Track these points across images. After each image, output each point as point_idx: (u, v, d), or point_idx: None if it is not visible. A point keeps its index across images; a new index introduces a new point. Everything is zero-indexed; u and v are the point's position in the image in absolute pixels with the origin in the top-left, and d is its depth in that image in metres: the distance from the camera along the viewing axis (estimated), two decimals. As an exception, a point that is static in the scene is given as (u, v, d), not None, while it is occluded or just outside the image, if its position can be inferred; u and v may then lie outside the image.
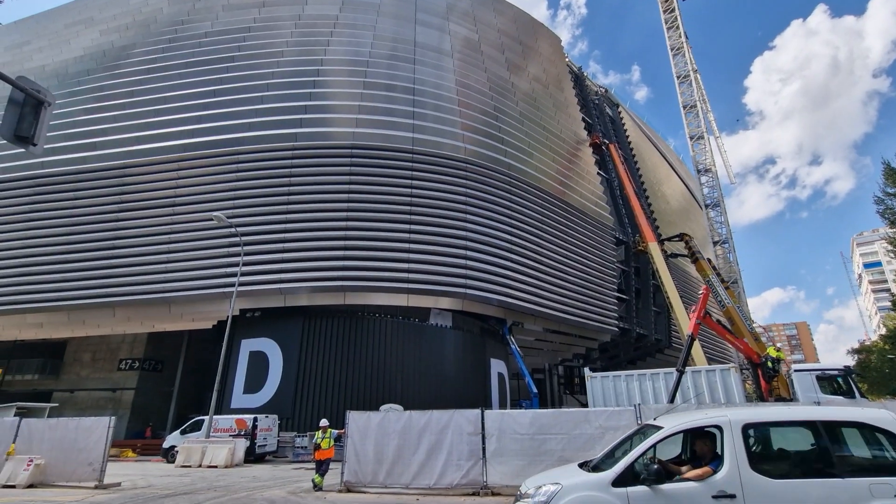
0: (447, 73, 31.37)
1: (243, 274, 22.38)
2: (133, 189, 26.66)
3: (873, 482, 4.89)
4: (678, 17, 69.51)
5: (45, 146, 7.83)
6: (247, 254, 22.61)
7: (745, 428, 5.37)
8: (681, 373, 16.98)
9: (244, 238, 22.55)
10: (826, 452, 5.23)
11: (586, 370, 19.88)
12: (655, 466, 5.36)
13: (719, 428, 5.44)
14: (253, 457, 19.08)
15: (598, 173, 40.13)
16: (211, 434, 18.67)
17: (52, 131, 26.85)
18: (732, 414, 5.58)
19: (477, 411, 11.33)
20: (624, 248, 40.21)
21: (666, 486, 5.20)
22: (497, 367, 30.23)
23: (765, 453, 5.57)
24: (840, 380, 16.20)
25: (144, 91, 30.19)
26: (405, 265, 24.37)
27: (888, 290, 78.78)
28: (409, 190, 25.90)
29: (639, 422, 10.42)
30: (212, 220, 21.58)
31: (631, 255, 40.26)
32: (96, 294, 24.86)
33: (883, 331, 58.91)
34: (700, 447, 5.64)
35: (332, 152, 26.15)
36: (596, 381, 18.88)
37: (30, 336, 27.92)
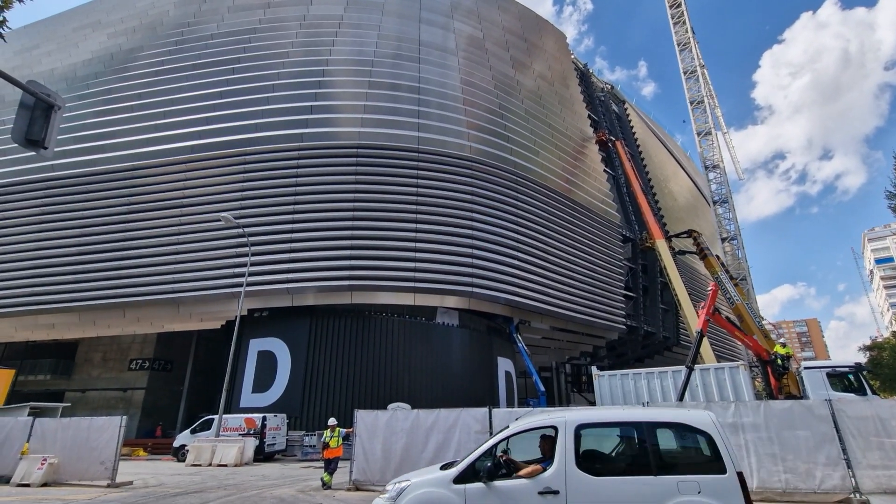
0: (452, 71, 31.34)
1: (251, 274, 22.53)
2: (142, 191, 26.91)
3: (681, 479, 5.19)
4: (685, 13, 68.99)
5: (56, 149, 7.92)
6: (254, 254, 22.76)
7: (578, 428, 5.67)
8: (690, 370, 16.89)
9: (252, 238, 22.69)
10: (644, 452, 5.57)
11: (594, 369, 19.83)
12: (488, 464, 5.68)
13: (555, 428, 5.71)
14: (262, 455, 19.22)
15: (605, 170, 39.92)
16: (220, 433, 18.82)
17: (62, 134, 27.17)
18: (570, 415, 5.87)
19: (484, 410, 11.35)
20: (631, 246, 39.98)
21: (499, 483, 5.54)
22: (504, 365, 30.21)
23: (592, 452, 5.84)
24: (851, 377, 16.03)
25: (152, 93, 30.45)
26: (411, 264, 24.41)
27: (900, 285, 77.67)
28: (414, 189, 25.93)
29: (647, 420, 10.42)
30: (220, 220, 21.75)
31: (638, 253, 40.03)
32: (107, 295, 25.14)
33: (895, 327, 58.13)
34: (543, 447, 5.96)
35: (338, 152, 26.23)
36: (604, 380, 18.82)
37: (42, 337, 28.29)
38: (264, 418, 19.96)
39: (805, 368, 16.93)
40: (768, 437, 9.65)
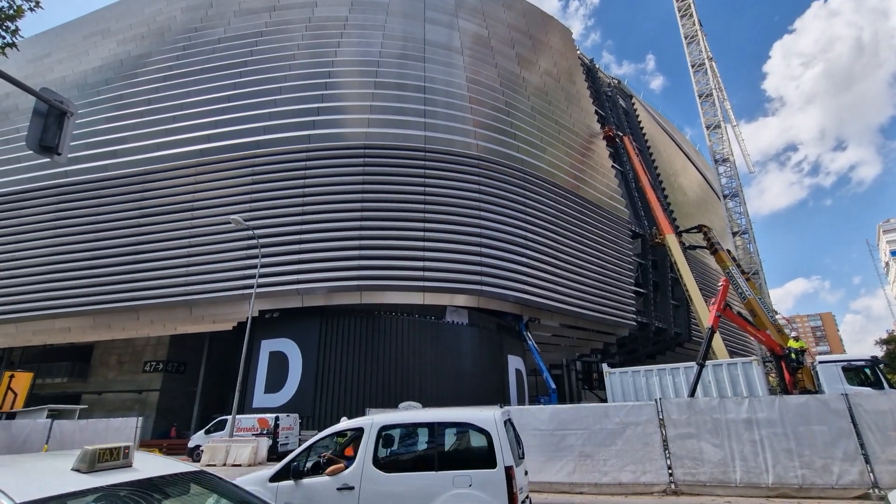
0: (457, 70, 31.31)
1: (261, 275, 22.71)
2: (153, 195, 27.24)
3: (457, 474, 5.59)
4: (692, 5, 68.15)
5: (69, 156, 8.06)
6: (264, 255, 22.93)
7: (381, 430, 6.13)
8: (701, 366, 16.72)
9: (261, 240, 22.86)
10: (431, 449, 6.03)
11: (605, 366, 19.72)
12: (295, 464, 6.14)
13: (362, 430, 6.16)
14: (276, 455, 19.35)
15: (613, 166, 39.66)
16: (234, 433, 19.01)
17: (75, 141, 27.58)
18: (376, 418, 6.37)
19: (495, 408, 11.37)
20: (640, 241, 39.70)
21: (306, 481, 5.96)
22: (514, 363, 30.17)
23: (389, 451, 6.38)
24: (867, 371, 15.76)
25: (161, 98, 30.80)
26: (420, 263, 24.45)
27: (918, 278, 76.23)
28: (422, 188, 25.96)
29: (660, 416, 10.31)
30: (230, 223, 21.95)
31: (648, 248, 39.74)
32: (120, 298, 25.49)
33: (913, 320, 57.12)
34: (355, 447, 6.32)
35: (345, 153, 26.34)
36: (615, 377, 18.72)
37: (58, 340, 28.76)
38: (277, 418, 20.11)
39: (820, 363, 16.66)
40: (784, 433, 9.53)
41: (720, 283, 21.15)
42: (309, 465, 6.16)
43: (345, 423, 6.80)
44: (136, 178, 27.83)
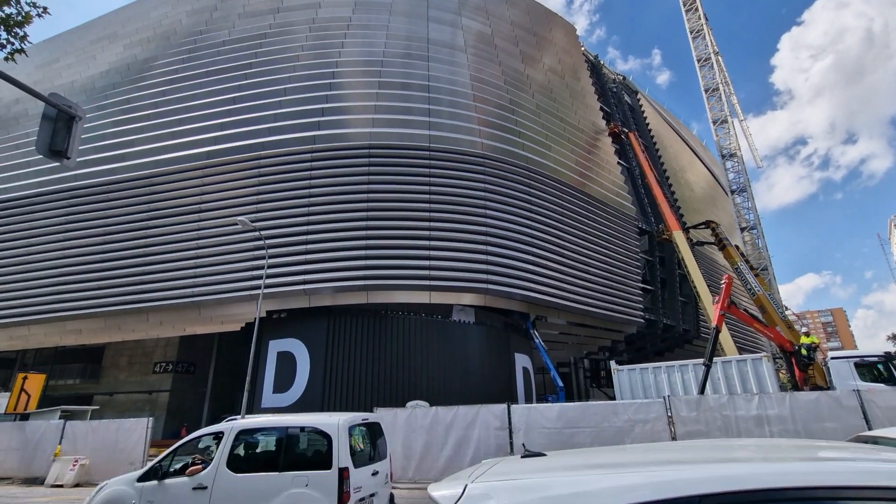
0: (461, 68, 31.28)
1: (268, 276, 22.83)
2: (161, 197, 27.47)
3: (297, 475, 6.04)
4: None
5: (78, 159, 8.16)
6: (271, 256, 23.06)
7: (239, 433, 6.59)
8: (707, 367, 16.61)
9: (268, 241, 22.99)
10: (279, 452, 6.50)
11: (612, 363, 19.65)
12: (158, 465, 6.64)
13: (221, 433, 6.56)
14: (284, 454, 19.50)
15: (619, 163, 39.42)
16: (243, 433, 19.13)
17: (83, 145, 27.86)
18: (237, 423, 6.86)
19: (503, 406, 11.35)
20: (647, 238, 39.46)
21: (168, 481, 6.41)
22: (522, 361, 30.11)
23: (243, 453, 6.80)
24: (880, 366, 15.56)
25: (168, 101, 31.05)
26: (426, 262, 24.47)
27: (930, 272, 75.09)
28: (427, 187, 25.97)
29: (669, 413, 10.26)
30: (236, 224, 22.09)
31: (655, 245, 39.49)
32: (130, 300, 25.75)
33: (926, 315, 56.43)
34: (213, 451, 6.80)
35: (350, 153, 26.41)
36: (623, 374, 18.65)
37: (70, 342, 29.12)
38: (285, 418, 20.22)
39: (832, 359, 16.48)
40: (794, 430, 9.47)
41: (723, 282, 20.99)
42: (177, 466, 6.63)
43: (209, 428, 7.26)
44: (143, 181, 28.08)
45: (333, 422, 6.38)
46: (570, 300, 28.22)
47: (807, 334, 19.49)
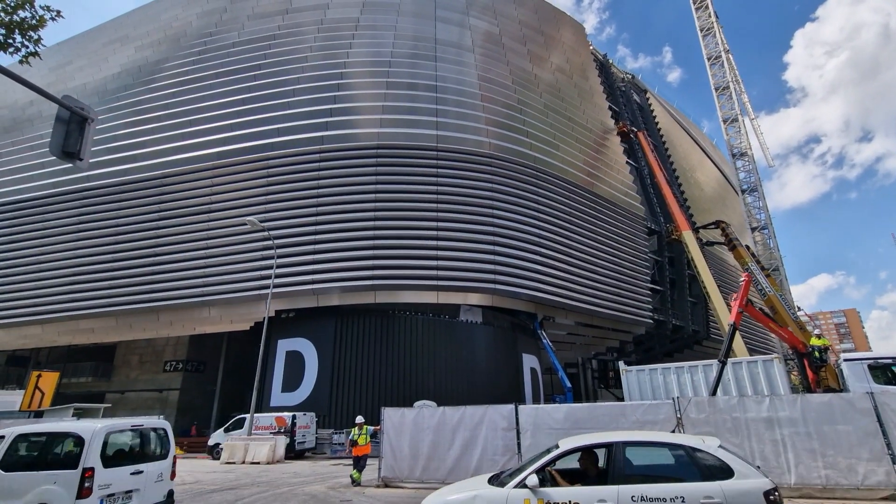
0: (469, 68, 31.26)
1: (277, 276, 22.99)
2: (172, 198, 27.77)
3: (49, 473, 7.01)
4: (707, -3, 66.83)
5: (90, 161, 8.28)
6: (280, 256, 23.21)
7: (15, 439, 7.51)
8: (723, 364, 16.45)
9: (277, 241, 23.15)
10: (45, 453, 7.51)
11: (621, 364, 19.52)
12: None
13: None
14: (293, 453, 19.64)
15: (627, 162, 39.17)
16: (252, 432, 19.31)
17: (96, 146, 28.28)
18: (16, 429, 7.77)
19: (510, 406, 11.31)
20: (657, 238, 39.16)
21: None
22: (529, 362, 30.03)
23: (17, 455, 7.49)
24: (895, 368, 15.32)
25: (178, 103, 31.38)
26: (434, 262, 24.49)
27: (947, 272, 73.69)
28: (435, 187, 25.99)
29: (678, 415, 10.17)
30: (246, 224, 22.28)
31: (664, 245, 39.17)
32: (141, 299, 26.07)
33: (942, 316, 55.40)
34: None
35: (358, 153, 26.50)
36: (631, 375, 18.52)
37: (83, 341, 29.55)
38: (294, 417, 20.37)
39: (845, 360, 16.23)
40: (806, 432, 9.33)
41: (742, 279, 20.77)
42: None
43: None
44: (154, 182, 28.41)
45: (89, 427, 7.29)
46: (578, 300, 28.09)
47: (818, 336, 19.22)
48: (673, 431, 9.76)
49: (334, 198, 25.66)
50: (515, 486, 5.37)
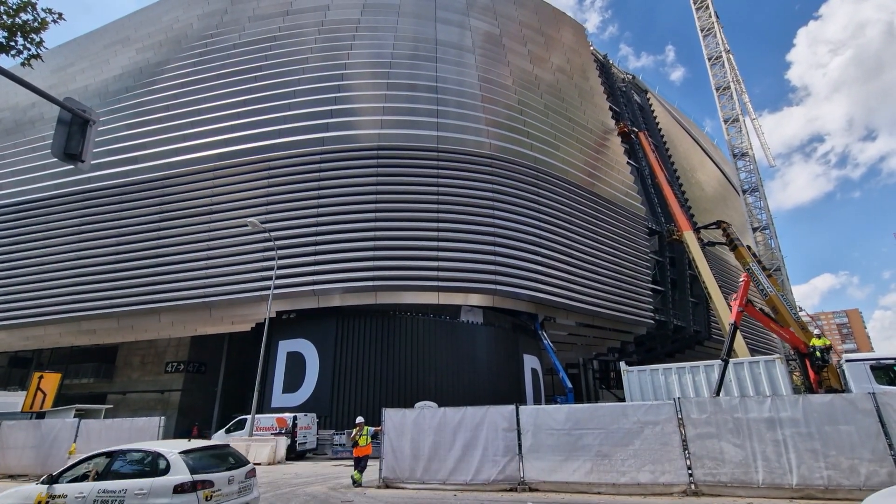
0: (469, 69, 31.28)
1: (278, 277, 23.02)
2: (173, 199, 27.84)
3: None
4: (708, -3, 66.83)
5: (91, 162, 8.31)
6: (281, 257, 23.25)
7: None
8: (725, 362, 16.46)
9: (278, 242, 23.19)
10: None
11: (622, 364, 19.50)
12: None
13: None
14: (294, 454, 19.65)
15: (628, 162, 39.15)
16: (253, 433, 19.33)
17: (97, 148, 28.38)
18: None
19: (511, 407, 11.31)
20: (657, 238, 39.12)
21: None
22: (530, 362, 30.02)
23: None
24: (896, 369, 15.27)
25: (180, 105, 31.46)
26: (434, 263, 24.51)
27: (949, 272, 73.54)
28: (435, 188, 26.01)
29: (679, 416, 10.16)
30: (247, 225, 22.32)
31: (665, 245, 39.13)
32: (143, 301, 26.12)
33: (944, 316, 55.24)
34: None
35: (358, 154, 26.54)
36: (633, 376, 18.50)
37: (84, 342, 29.60)
38: (295, 418, 20.39)
39: (847, 361, 16.21)
40: (808, 433, 9.31)
41: (741, 279, 20.82)
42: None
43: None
44: (156, 183, 28.47)
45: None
46: (579, 301, 28.08)
47: (819, 336, 19.19)
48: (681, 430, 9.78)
49: (335, 199, 25.70)
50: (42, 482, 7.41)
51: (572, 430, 10.73)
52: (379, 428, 12.31)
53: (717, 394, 15.83)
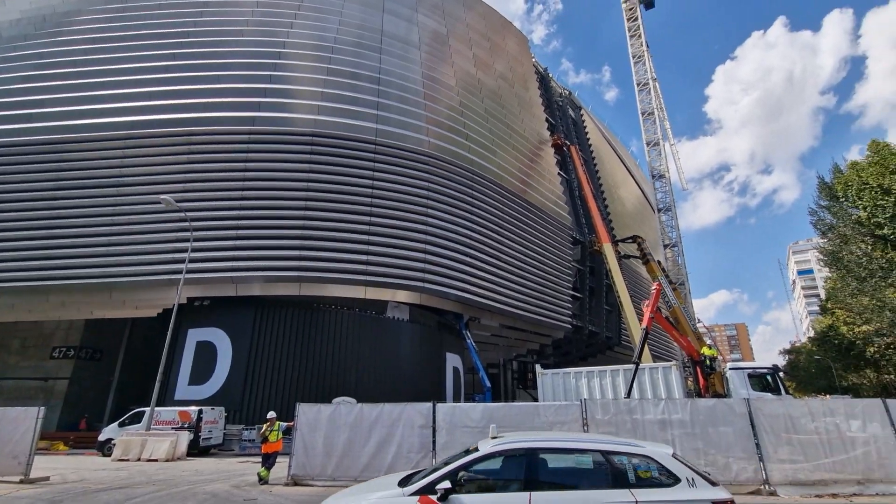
0: (414, 65, 31.10)
1: (193, 261, 21.47)
2: (74, 166, 24.93)
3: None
4: (641, 27, 71.91)
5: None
6: (197, 240, 21.68)
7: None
8: (637, 364, 17.83)
9: (195, 223, 21.61)
10: None
11: (538, 367, 20.37)
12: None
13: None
14: (197, 450, 18.43)
15: (559, 174, 41.00)
16: (152, 426, 17.86)
17: (-19, 98, 24.73)
18: None
19: (428, 404, 11.41)
20: (580, 248, 41.32)
21: None
22: (453, 361, 30.50)
23: None
24: (769, 378, 17.38)
25: (89, 62, 28.23)
26: (364, 257, 24.11)
27: (818, 295, 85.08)
28: (370, 181, 25.59)
29: (584, 416, 10.80)
30: (160, 203, 20.54)
31: (587, 255, 41.42)
32: (27, 277, 23.16)
33: (812, 334, 63.65)
34: None
35: (291, 139, 25.42)
36: (547, 378, 19.38)
37: (-51, 320, 25.70)
38: (200, 411, 19.12)
39: (730, 369, 18.22)
40: (693, 433, 10.28)
41: (653, 288, 22.63)
42: None
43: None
44: (54, 147, 25.33)
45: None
46: (504, 303, 28.95)
47: (710, 346, 21.35)
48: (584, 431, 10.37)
49: (263, 182, 24.43)
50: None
51: (486, 428, 10.98)
52: (291, 423, 11.87)
53: (628, 395, 17.03)
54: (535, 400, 26.91)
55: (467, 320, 30.12)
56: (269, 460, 11.68)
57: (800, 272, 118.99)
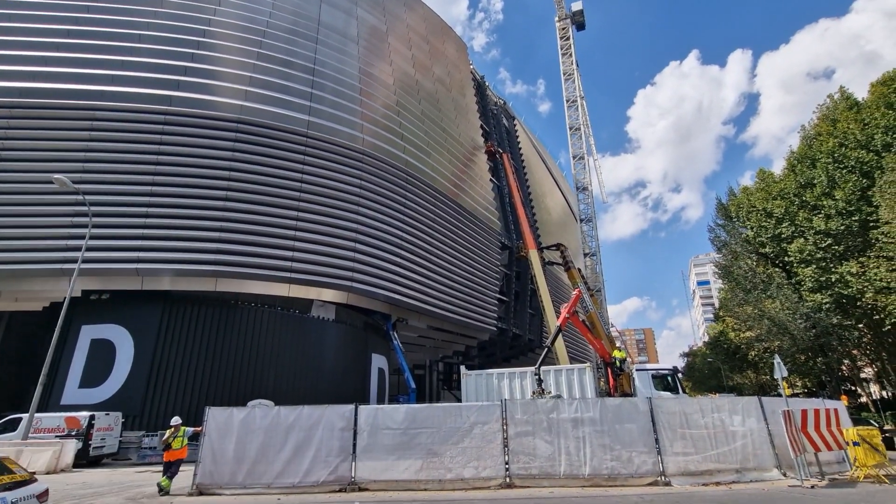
0: (351, 59, 30.41)
1: (91, 249, 19.33)
2: (-59, 133, 21.46)
3: None
4: (572, 46, 76.00)
5: None
6: (96, 226, 19.54)
7: None
8: (547, 349, 19.19)
9: (94, 208, 19.46)
10: None
11: (462, 368, 20.73)
12: None
13: None
14: (86, 460, 16.56)
15: (491, 180, 42.08)
16: (31, 435, 15.78)
17: None
18: None
19: (350, 407, 11.15)
20: (508, 253, 42.68)
21: None
22: (378, 362, 30.13)
23: None
24: (669, 378, 19.05)
25: (-32, 15, 24.47)
26: (289, 253, 23.10)
27: (713, 304, 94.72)
28: (299, 175, 24.60)
29: (504, 417, 11.13)
30: (52, 182, 18.26)
31: (513, 260, 42.86)
32: None
33: (706, 339, 70.82)
34: None
35: (214, 123, 23.76)
36: (470, 379, 19.79)
37: None
38: (92, 417, 17.20)
39: (636, 371, 19.74)
40: (602, 430, 10.98)
41: (574, 293, 24.04)
42: None
43: None
44: (-84, 109, 21.65)
45: None
46: (433, 304, 29.11)
47: (619, 349, 23.03)
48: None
49: (179, 168, 22.59)
50: None
51: (408, 430, 11.00)
52: (199, 429, 11.05)
53: (537, 371, 18.21)
54: (459, 400, 27.32)
55: (395, 321, 29.92)
56: (171, 469, 10.78)
57: (699, 283, 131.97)
